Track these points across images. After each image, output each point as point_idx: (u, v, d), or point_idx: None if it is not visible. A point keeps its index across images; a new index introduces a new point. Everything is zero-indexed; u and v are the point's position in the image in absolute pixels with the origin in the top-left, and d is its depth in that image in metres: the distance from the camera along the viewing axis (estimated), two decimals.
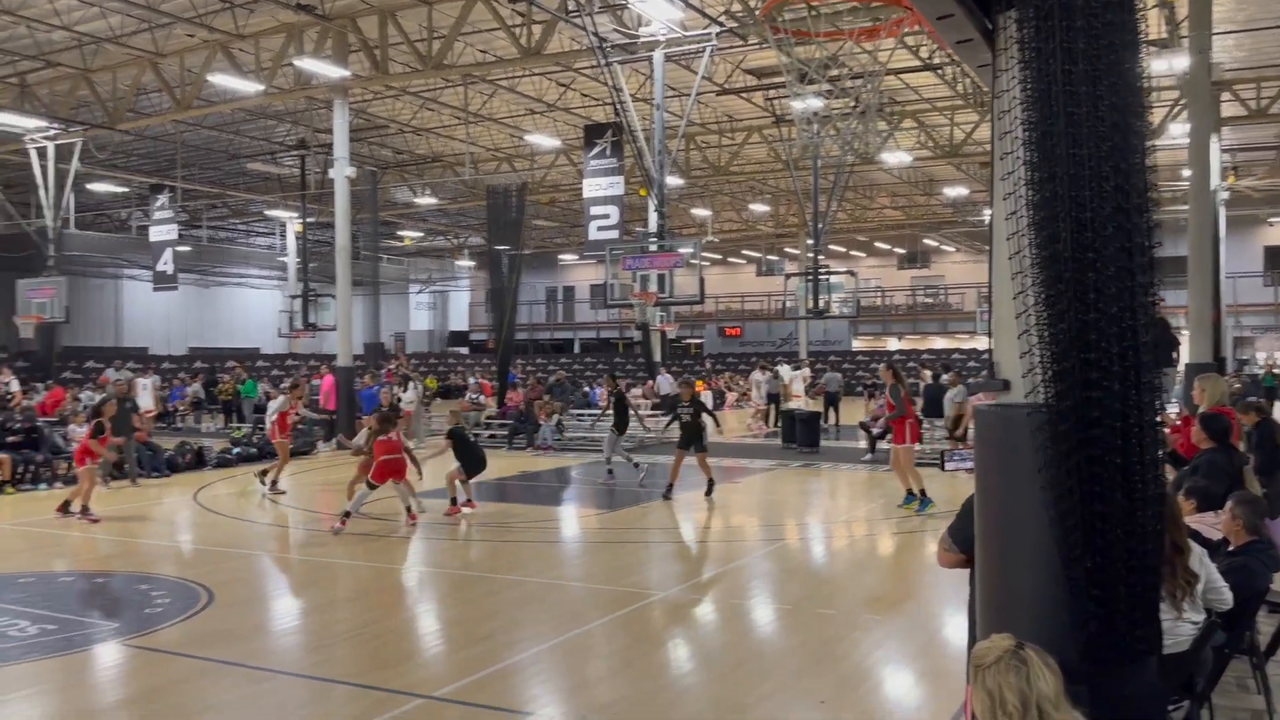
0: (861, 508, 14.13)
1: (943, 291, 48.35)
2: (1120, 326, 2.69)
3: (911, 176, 35.79)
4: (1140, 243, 2.70)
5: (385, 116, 28.32)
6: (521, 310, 36.48)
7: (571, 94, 25.98)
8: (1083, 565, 2.79)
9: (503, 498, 15.41)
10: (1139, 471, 2.75)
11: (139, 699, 6.32)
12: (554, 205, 38.47)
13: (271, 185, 34.42)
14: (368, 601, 8.95)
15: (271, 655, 7.28)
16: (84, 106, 24.52)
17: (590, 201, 21.59)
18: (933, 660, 6.94)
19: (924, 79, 24.03)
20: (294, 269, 35.09)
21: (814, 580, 9.91)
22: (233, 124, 28.71)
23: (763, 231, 45.76)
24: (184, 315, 44.85)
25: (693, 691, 6.52)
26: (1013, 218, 2.83)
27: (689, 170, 31.49)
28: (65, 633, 7.67)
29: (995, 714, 2.65)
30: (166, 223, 29.09)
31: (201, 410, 27.97)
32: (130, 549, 11.27)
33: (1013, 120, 2.81)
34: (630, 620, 8.11)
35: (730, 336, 50.90)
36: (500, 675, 6.69)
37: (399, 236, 47.25)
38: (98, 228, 42.57)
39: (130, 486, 15.82)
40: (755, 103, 26.25)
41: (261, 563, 10.79)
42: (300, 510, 13.95)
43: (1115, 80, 2.65)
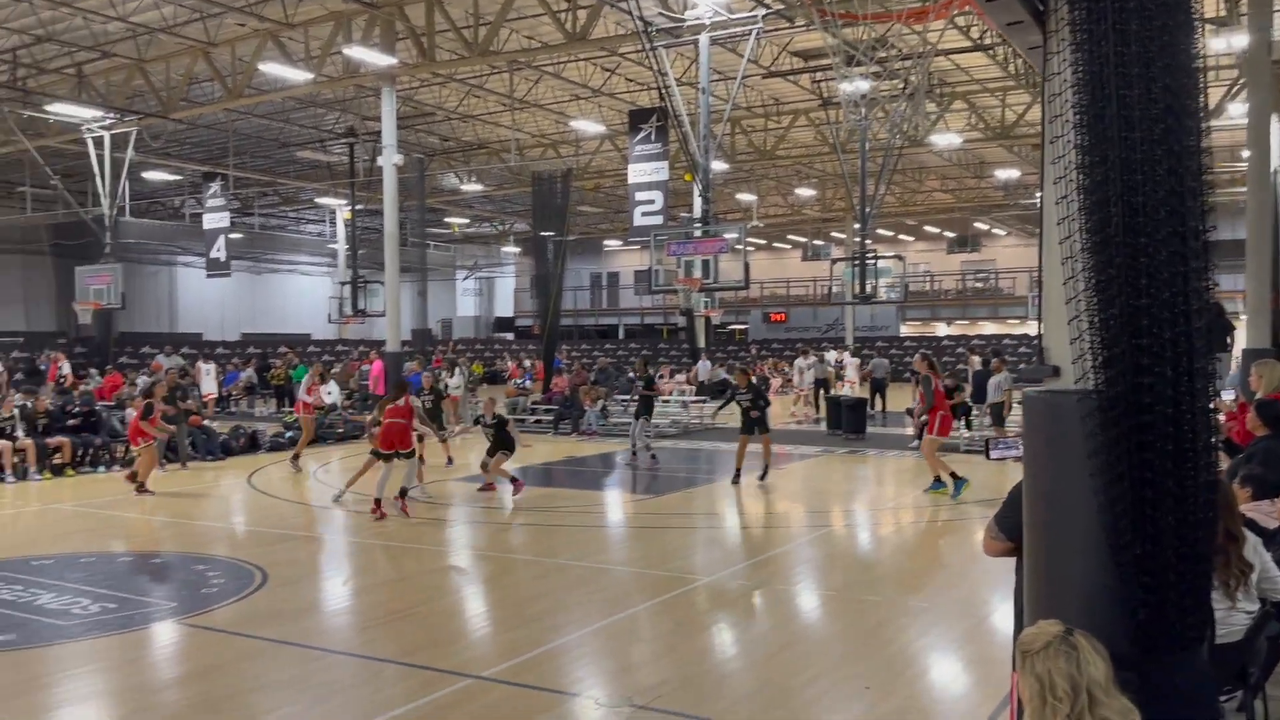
0: (908, 495, 14.03)
1: (993, 276, 47.65)
2: (1172, 312, 2.65)
3: (962, 159, 35.29)
4: (1194, 227, 2.66)
5: (432, 104, 28.50)
6: (566, 296, 36.55)
7: (616, 79, 25.96)
8: (1132, 552, 2.76)
9: (549, 482, 15.53)
10: (1190, 458, 2.72)
11: (195, 676, 6.48)
12: (599, 191, 38.50)
13: (321, 173, 34.83)
14: (417, 583, 9.08)
15: (323, 635, 7.42)
16: (138, 96, 24.97)
17: (635, 187, 21.59)
18: (978, 647, 6.90)
19: (975, 59, 23.65)
20: (343, 256, 35.48)
21: (859, 566, 9.88)
22: (283, 112, 29.07)
23: (809, 216, 45.40)
24: (237, 302, 45.62)
25: (737, 675, 6.55)
26: (1063, 202, 2.80)
27: (734, 154, 31.32)
28: (125, 611, 7.88)
29: (1045, 699, 2.64)
30: (219, 210, 29.58)
31: (255, 395, 28.46)
32: (186, 530, 11.54)
33: (1064, 103, 2.78)
34: (675, 604, 8.15)
35: (775, 322, 50.62)
36: (546, 657, 6.76)
37: (446, 223, 47.60)
38: (152, 216, 43.37)
39: (181, 470, 16.16)
40: (802, 85, 26.02)
41: (313, 544, 10.99)
42: (351, 493, 14.16)
43: (1169, 62, 2.61)
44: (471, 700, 5.92)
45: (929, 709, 5.84)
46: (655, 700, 5.85)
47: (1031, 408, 3.09)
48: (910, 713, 5.73)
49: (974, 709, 5.75)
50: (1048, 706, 2.62)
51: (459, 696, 5.98)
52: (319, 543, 11.10)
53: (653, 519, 12.34)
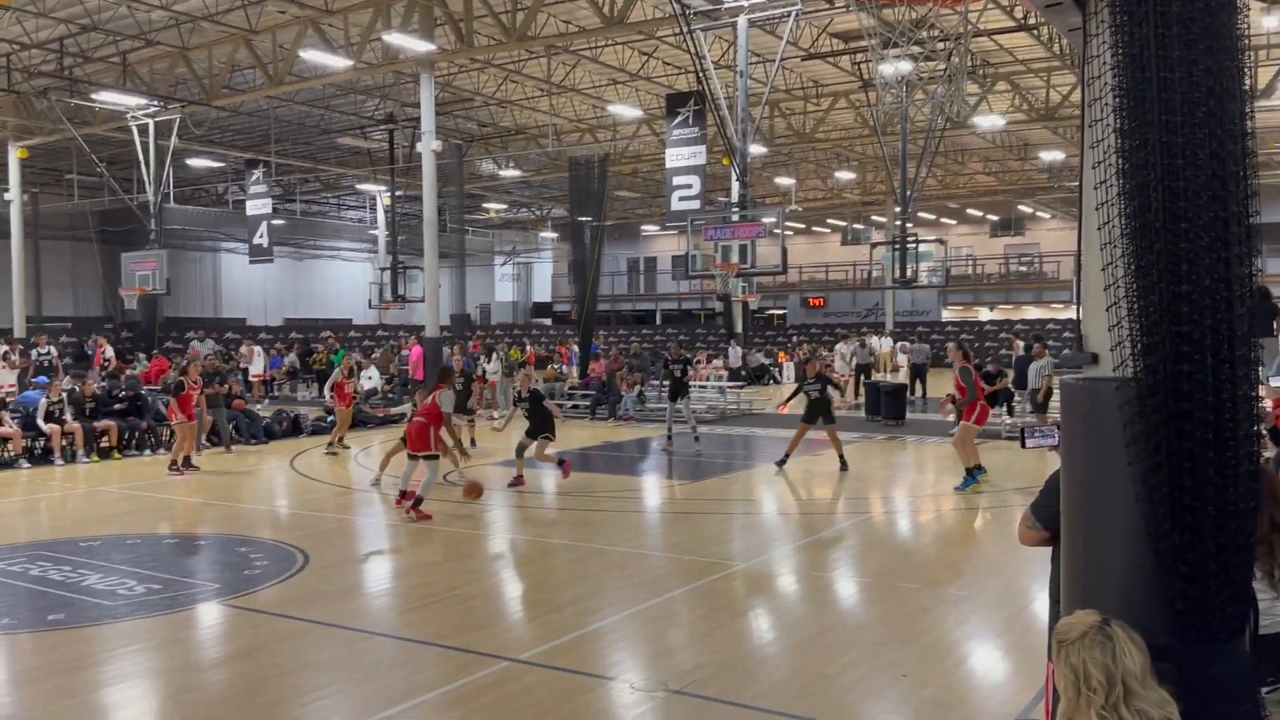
0: (948, 482, 13.90)
1: (1037, 260, 46.98)
2: (1214, 298, 2.60)
3: (1005, 141, 34.79)
4: (1236, 212, 2.61)
5: (470, 89, 28.59)
6: (603, 281, 36.60)
7: (654, 63, 25.87)
8: (1171, 542, 2.72)
9: (586, 468, 15.58)
10: (1231, 447, 2.67)
11: (238, 657, 6.60)
12: (636, 176, 38.44)
13: (361, 159, 35.10)
14: (456, 566, 9.18)
15: (364, 617, 7.53)
16: (182, 84, 25.29)
17: (672, 171, 21.53)
18: (1016, 636, 6.85)
19: (1018, 40, 23.28)
20: (383, 241, 35.81)
21: (898, 554, 9.83)
22: (323, 99, 29.31)
23: (849, 199, 45.01)
24: (279, 287, 46.19)
25: (772, 661, 6.55)
26: (1102, 187, 2.75)
27: (773, 138, 31.11)
28: (169, 592, 8.04)
29: (1079, 690, 2.61)
30: (261, 197, 29.92)
31: (297, 379, 28.84)
32: (230, 513, 11.73)
33: (1104, 86, 2.73)
34: (712, 589, 8.16)
35: (814, 307, 50.34)
36: (583, 640, 6.81)
37: (484, 209, 47.80)
38: (196, 202, 43.98)
39: (225, 453, 16.42)
40: (842, 67, 25.76)
41: (355, 526, 11.13)
42: (393, 477, 14.32)
43: (1212, 43, 2.55)
44: (508, 683, 5.98)
45: (965, 698, 5.81)
46: (690, 685, 5.87)
47: (1069, 395, 3.05)
48: (946, 701, 5.70)
49: (1011, 698, 5.71)
50: (1082, 697, 2.60)
51: (496, 679, 6.04)
52: (360, 526, 11.24)
53: (690, 504, 12.36)
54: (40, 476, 14.38)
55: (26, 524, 11.35)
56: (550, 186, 42.13)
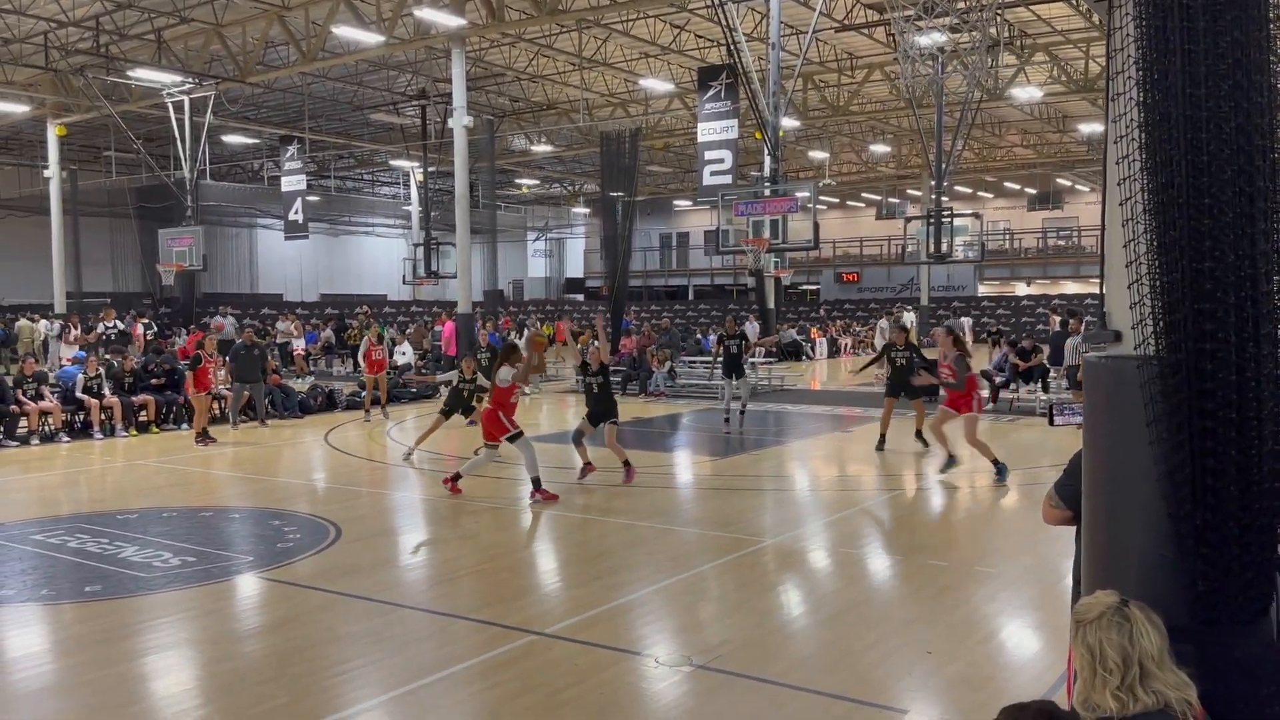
0: (980, 458, 13.82)
1: (1076, 233, 46.30)
2: (1238, 275, 2.55)
3: (1043, 113, 34.23)
4: (1263, 187, 2.55)
5: (501, 64, 28.56)
6: (636, 257, 36.59)
7: (686, 36, 25.68)
8: (1193, 522, 2.69)
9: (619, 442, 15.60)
10: (1255, 427, 2.62)
11: (272, 628, 6.72)
12: (668, 150, 38.26)
13: (394, 135, 35.23)
14: (486, 540, 9.26)
15: (395, 589, 7.62)
16: (216, 61, 25.48)
17: (704, 146, 21.42)
18: (1044, 614, 6.81)
19: (1057, 10, 22.87)
20: (417, 218, 35.97)
21: (927, 531, 9.79)
22: (356, 75, 29.42)
23: (883, 173, 44.56)
24: (314, 263, 46.59)
25: (800, 636, 6.56)
26: (1125, 161, 2.70)
27: (806, 111, 30.83)
28: (204, 564, 8.19)
29: (1095, 670, 2.60)
30: (296, 173, 30.16)
31: (332, 354, 29.13)
32: (264, 487, 11.91)
33: (1127, 58, 2.67)
34: (740, 565, 8.18)
35: (848, 282, 50.01)
36: (610, 614, 6.86)
37: (516, 184, 47.83)
38: (232, 179, 44.41)
39: (260, 428, 16.64)
40: (877, 39, 25.45)
41: (387, 501, 11.26)
42: (426, 452, 14.46)
43: (1238, 14, 2.48)
44: (535, 656, 6.04)
45: (991, 675, 5.79)
46: (715, 660, 5.90)
47: (1092, 373, 3.01)
48: (972, 679, 5.69)
49: (1039, 676, 5.68)
50: (1098, 678, 2.58)
51: (523, 652, 6.10)
52: (392, 500, 11.37)
53: (720, 480, 12.37)
54: (80, 450, 14.67)
55: (66, 497, 11.61)
56: (582, 161, 42.07)
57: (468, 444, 13.01)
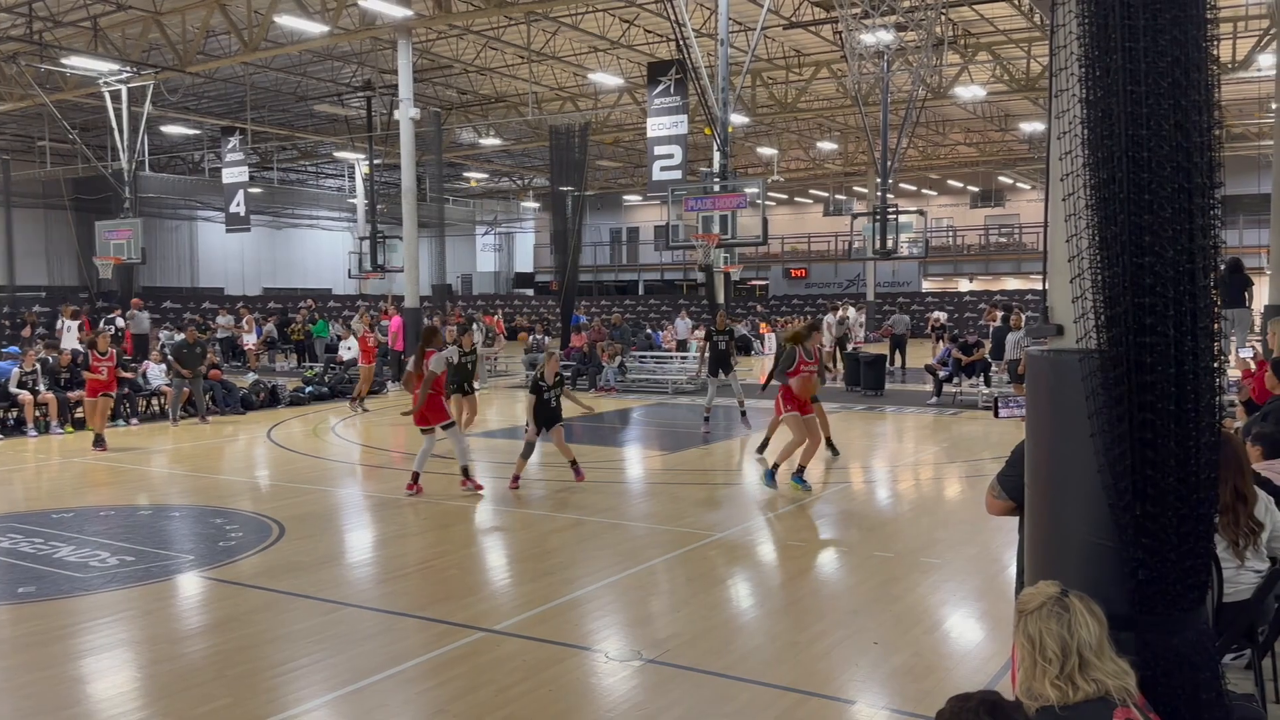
0: (926, 451, 14.03)
1: (1017, 231, 47.13)
2: (1177, 270, 2.60)
3: (986, 112, 34.76)
4: (1200, 184, 2.60)
5: (449, 56, 28.30)
6: (586, 252, 36.52)
7: (635, 30, 25.66)
8: (1133, 512, 2.74)
9: (566, 438, 15.55)
10: (1193, 419, 2.68)
11: (214, 628, 6.59)
12: (617, 145, 38.23)
13: (339, 127, 34.76)
14: (433, 537, 9.18)
15: (340, 587, 7.52)
16: (155, 49, 24.91)
17: (654, 141, 21.42)
18: (987, 604, 6.92)
19: (999, 9, 23.23)
20: (362, 210, 35.54)
21: (874, 523, 9.90)
22: (300, 66, 28.95)
23: (830, 170, 44.95)
24: (257, 256, 45.82)
25: (748, 629, 6.60)
26: (1067, 157, 2.74)
27: (755, 108, 30.98)
28: (143, 564, 8.01)
29: (1036, 660, 2.65)
30: (238, 165, 29.61)
31: (275, 350, 28.68)
32: (205, 484, 11.69)
33: (1069, 55, 2.71)
34: (689, 559, 8.20)
35: (796, 278, 50.40)
36: (559, 610, 6.83)
37: (464, 178, 47.46)
38: (171, 170, 43.48)
39: (201, 424, 16.33)
40: (824, 36, 25.64)
41: (331, 498, 11.10)
42: (370, 448, 14.30)
43: (1177, 13, 2.53)
44: (483, 653, 6.00)
45: (935, 665, 5.87)
46: (665, 654, 5.91)
47: (1035, 367, 3.06)
48: (916, 669, 5.76)
49: (981, 666, 5.77)
50: (1038, 667, 2.63)
51: (471, 649, 6.06)
52: (336, 496, 11.22)
53: (669, 475, 12.40)
54: (13, 447, 14.28)
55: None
56: (531, 156, 41.87)
57: (413, 441, 12.82)
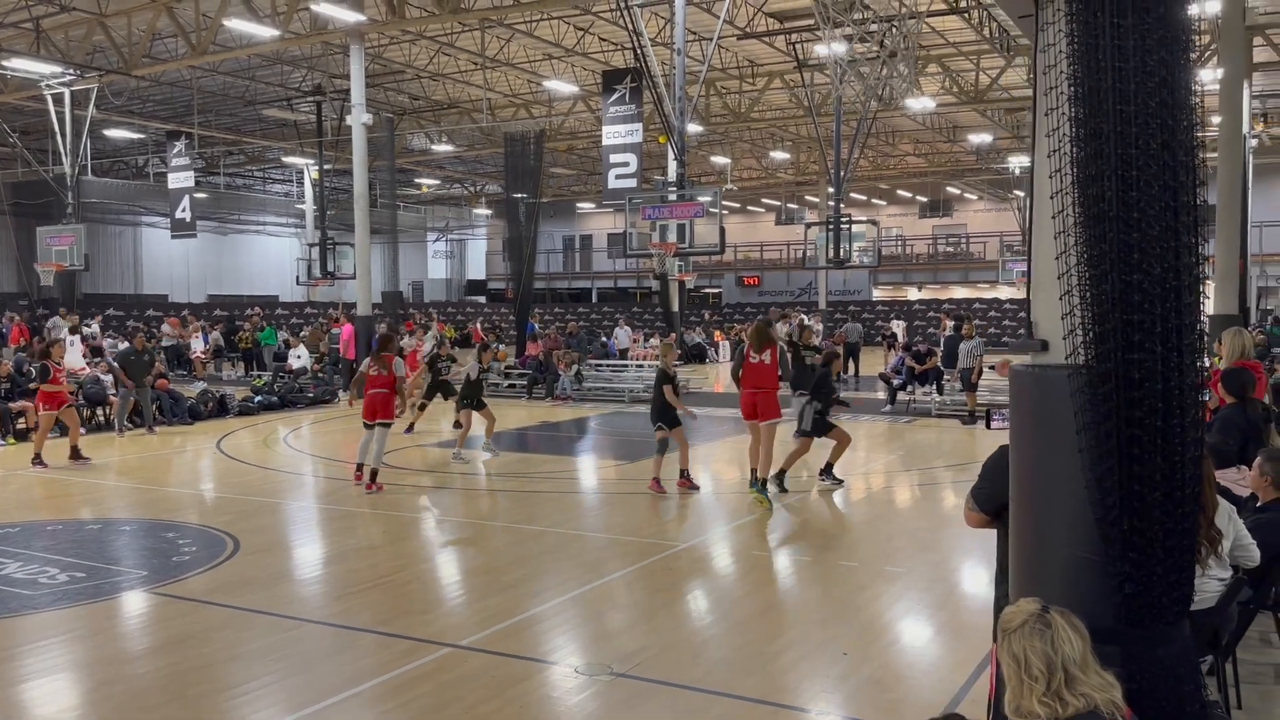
0: (881, 459, 14.14)
1: (964, 240, 47.87)
2: (1164, 287, 2.63)
3: (935, 123, 35.25)
4: (1186, 202, 2.64)
5: (402, 61, 28.04)
6: (539, 259, 36.39)
7: (590, 38, 25.63)
8: (1119, 527, 2.76)
9: (523, 448, 15.48)
10: (1179, 434, 2.71)
11: (167, 647, 6.41)
12: (572, 153, 38.15)
13: (289, 132, 34.27)
14: (392, 550, 9.04)
15: (297, 603, 7.37)
16: (99, 52, 24.37)
17: (609, 149, 21.39)
18: (953, 613, 6.97)
19: (949, 22, 23.57)
20: (311, 216, 35.05)
21: (835, 532, 9.94)
22: (249, 70, 28.51)
23: (783, 179, 45.30)
24: (203, 262, 44.98)
25: (714, 641, 6.57)
26: (1056, 175, 2.76)
27: (709, 117, 31.10)
28: (94, 580, 7.79)
29: (1022, 678, 2.65)
30: (184, 170, 29.05)
31: (222, 358, 28.15)
32: (156, 498, 11.41)
33: (1059, 75, 2.73)
34: (652, 571, 8.16)
35: (749, 286, 50.68)
36: (525, 624, 6.76)
37: (417, 184, 47.05)
38: (115, 175, 42.57)
39: (148, 435, 15.96)
40: (777, 47, 25.83)
41: (285, 511, 10.90)
42: (323, 459, 14.07)
43: (1164, 34, 2.57)
44: (448, 669, 5.91)
45: (904, 675, 5.89)
46: (634, 668, 5.86)
47: (1019, 382, 3.07)
48: (885, 678, 5.78)
49: (949, 674, 5.80)
50: (1025, 685, 2.64)
51: (436, 666, 5.96)
52: (292, 509, 11.01)
53: (629, 484, 12.34)
54: None
55: None
56: (485, 162, 41.64)
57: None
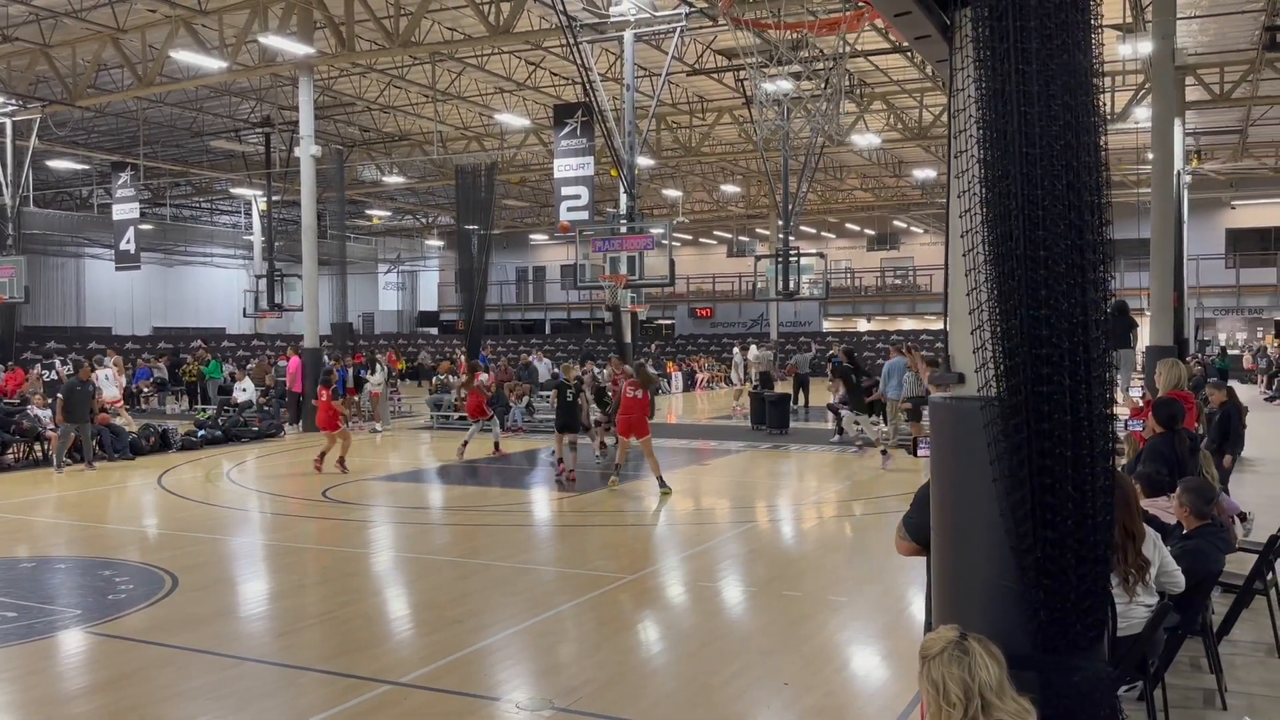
0: (829, 489, 14.27)
1: (911, 273, 48.66)
2: (1071, 322, 2.74)
3: (881, 158, 35.92)
4: (1091, 239, 2.75)
5: (351, 94, 28.01)
6: (492, 290, 36.33)
7: (541, 73, 25.83)
8: (1034, 555, 2.85)
9: (473, 480, 15.40)
10: (1089, 463, 2.81)
11: (103, 686, 6.28)
12: (524, 185, 38.26)
13: (236, 163, 34.00)
14: (334, 586, 8.93)
15: (237, 641, 7.25)
16: (43, 82, 24.07)
17: (560, 182, 21.49)
18: (895, 642, 7.04)
19: (893, 61, 24.09)
20: (259, 248, 34.73)
21: (781, 562, 10.00)
22: (196, 101, 28.29)
23: (734, 212, 45.80)
24: (147, 295, 44.29)
25: (660, 673, 6.58)
26: (967, 214, 2.86)
27: (660, 151, 31.41)
28: (25, 620, 7.60)
29: (940, 705, 2.71)
30: (128, 201, 28.68)
31: (165, 392, 27.68)
32: (92, 534, 11.17)
33: (968, 117, 2.85)
34: (599, 603, 8.15)
35: (701, 317, 51.00)
36: (468, 660, 6.71)
37: (367, 216, 46.83)
38: (58, 206, 41.88)
39: (87, 470, 15.63)
40: (726, 83, 26.22)
41: (226, 547, 10.72)
42: (267, 494, 13.88)
43: (1068, 79, 2.69)
44: (390, 707, 5.85)
45: (846, 704, 5.94)
46: (576, 702, 5.85)
47: (938, 414, 3.16)
48: (828, 708, 5.82)
49: (890, 703, 5.86)
50: (943, 712, 2.69)
51: (378, 703, 5.90)
52: (232, 546, 10.83)
53: (577, 517, 12.33)
54: None
55: None
56: (436, 194, 41.60)
57: (309, 487, 12.53)
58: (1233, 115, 28.50)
